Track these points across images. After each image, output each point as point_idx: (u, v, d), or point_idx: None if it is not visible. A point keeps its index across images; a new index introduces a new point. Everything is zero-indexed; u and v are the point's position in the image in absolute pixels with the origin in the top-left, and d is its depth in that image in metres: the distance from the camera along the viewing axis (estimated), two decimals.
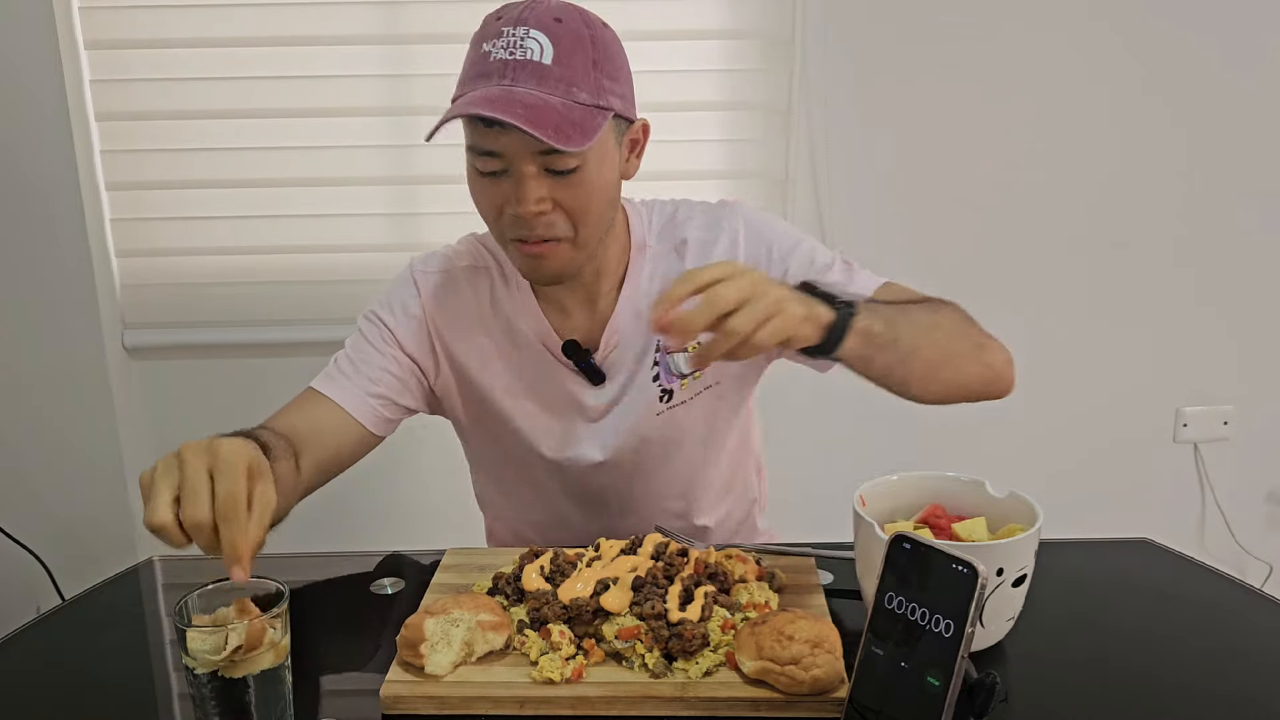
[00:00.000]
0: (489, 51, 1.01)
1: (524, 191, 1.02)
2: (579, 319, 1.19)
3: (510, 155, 1.01)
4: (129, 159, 2.03)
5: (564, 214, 1.05)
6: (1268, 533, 2.31)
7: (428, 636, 0.87)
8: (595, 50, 1.02)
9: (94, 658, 0.97)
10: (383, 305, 1.20)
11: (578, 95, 1.00)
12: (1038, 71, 2.03)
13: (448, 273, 1.21)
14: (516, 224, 1.05)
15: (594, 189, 1.05)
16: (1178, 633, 0.98)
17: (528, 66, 0.99)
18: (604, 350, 1.18)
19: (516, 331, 1.19)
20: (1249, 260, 2.16)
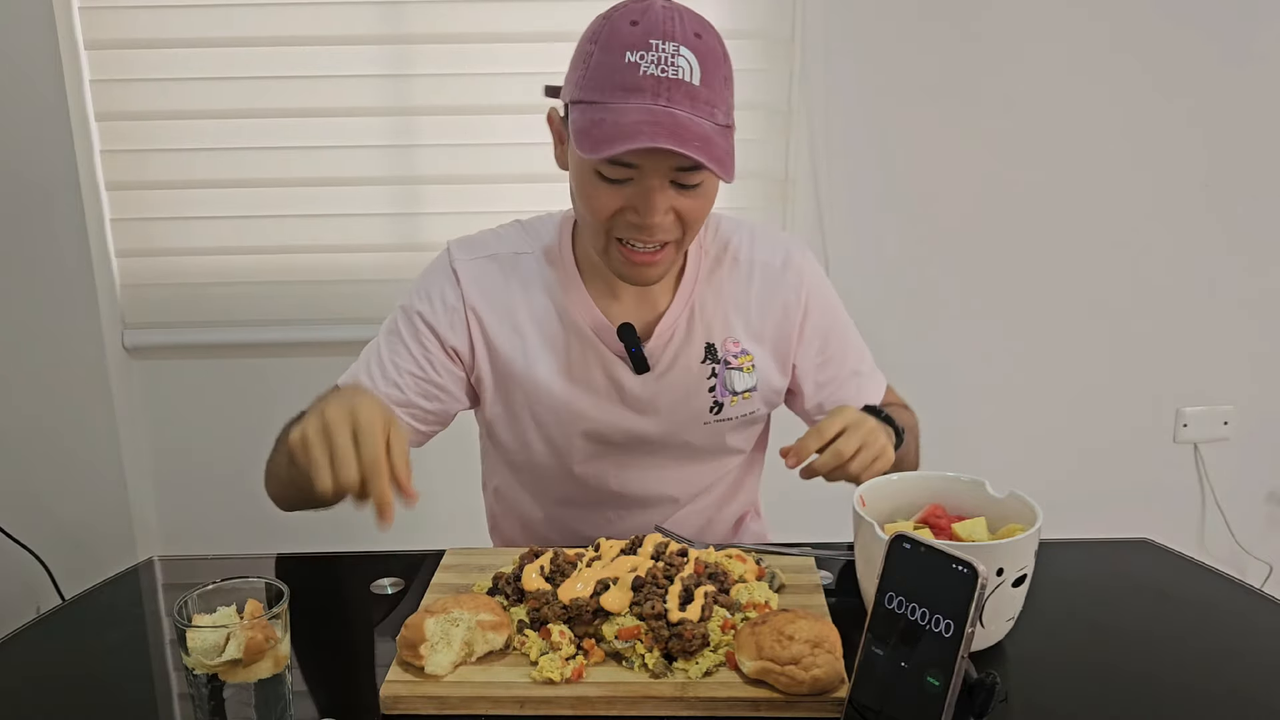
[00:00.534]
0: (636, 64, 0.99)
1: (654, 202, 1.03)
2: (629, 306, 1.19)
3: (647, 169, 1.02)
4: (129, 159, 2.03)
5: (679, 221, 1.07)
6: (1268, 533, 2.31)
7: (428, 637, 0.87)
8: (727, 67, 1.05)
9: (94, 658, 0.97)
10: (420, 297, 1.19)
11: (718, 117, 1.02)
12: (1038, 71, 2.03)
13: (490, 258, 1.20)
14: (634, 229, 1.05)
15: (709, 200, 1.08)
16: (1178, 633, 0.98)
17: (681, 87, 0.99)
18: (657, 341, 1.19)
19: (565, 316, 1.18)
20: (1249, 260, 2.16)
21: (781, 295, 1.22)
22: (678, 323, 1.19)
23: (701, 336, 1.20)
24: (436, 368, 1.18)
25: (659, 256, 1.08)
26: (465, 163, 2.03)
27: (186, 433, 2.16)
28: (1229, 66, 2.04)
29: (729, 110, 1.04)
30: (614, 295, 1.19)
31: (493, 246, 1.21)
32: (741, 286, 1.22)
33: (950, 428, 2.19)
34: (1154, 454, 2.26)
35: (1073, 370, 2.19)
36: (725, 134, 1.03)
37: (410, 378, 1.17)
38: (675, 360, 1.19)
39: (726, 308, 1.21)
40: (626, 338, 1.17)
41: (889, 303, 2.12)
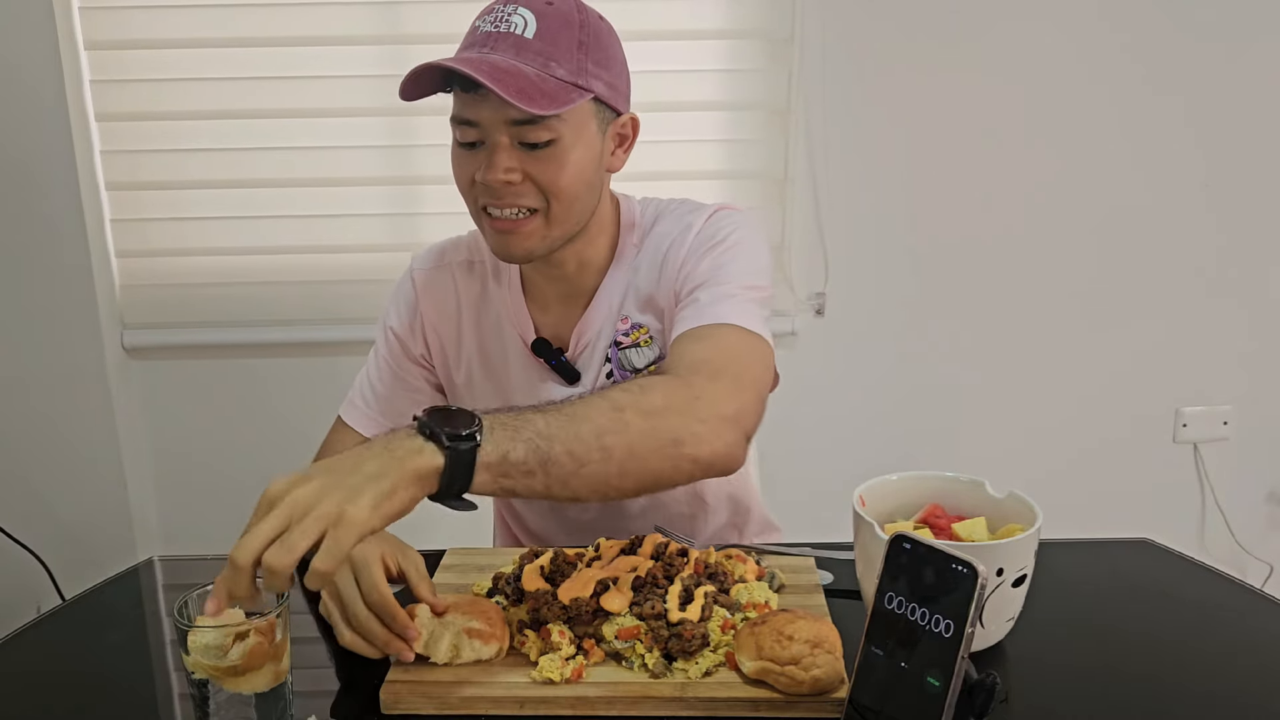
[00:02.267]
0: (477, 26, 1.05)
1: (494, 160, 1.03)
2: (557, 316, 1.19)
3: (486, 124, 1.02)
4: (129, 159, 2.03)
5: (535, 187, 1.05)
6: (1268, 533, 2.31)
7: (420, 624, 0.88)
8: (583, 33, 1.04)
9: (94, 658, 0.97)
10: (390, 312, 1.24)
11: (555, 70, 1.01)
12: (1038, 70, 2.03)
13: (441, 268, 1.23)
14: (486, 192, 1.06)
15: (567, 165, 1.05)
16: (1178, 633, 0.98)
17: (508, 38, 1.01)
18: (575, 348, 1.18)
19: (501, 329, 1.20)
20: (1249, 260, 2.16)
21: (669, 254, 1.14)
22: (593, 323, 1.17)
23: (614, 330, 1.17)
24: (412, 375, 1.24)
25: (522, 225, 1.06)
26: None
27: (186, 433, 2.16)
28: (1229, 67, 2.04)
29: (579, 72, 1.03)
30: (545, 305, 1.19)
31: (448, 255, 1.24)
32: (635, 265, 1.17)
33: (950, 428, 2.19)
34: (1154, 454, 2.26)
35: (1072, 370, 2.19)
36: (564, 87, 1.01)
37: (394, 389, 1.23)
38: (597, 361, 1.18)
39: (622, 293, 1.17)
40: (542, 353, 1.18)
41: (888, 303, 2.12)
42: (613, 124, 1.10)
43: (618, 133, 1.11)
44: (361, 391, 1.24)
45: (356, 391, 1.25)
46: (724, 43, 2.00)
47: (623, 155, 1.13)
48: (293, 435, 2.17)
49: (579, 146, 1.05)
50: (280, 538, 0.71)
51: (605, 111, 1.08)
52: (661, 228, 1.17)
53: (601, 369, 1.18)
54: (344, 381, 1.28)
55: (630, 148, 1.14)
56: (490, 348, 1.21)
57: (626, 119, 1.11)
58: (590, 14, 1.06)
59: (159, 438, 2.17)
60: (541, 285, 1.18)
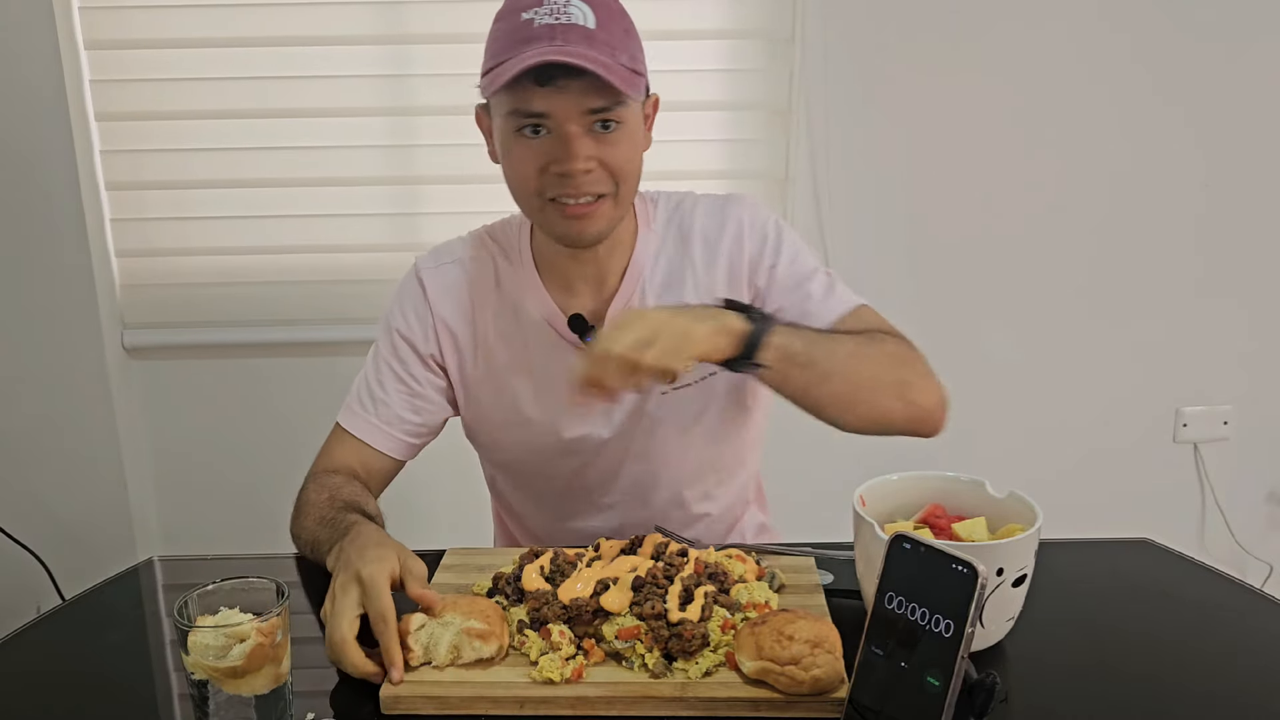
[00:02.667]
0: (531, 19, 1.03)
1: (574, 149, 1.04)
2: (585, 298, 1.21)
3: (559, 115, 1.04)
4: (129, 159, 2.03)
5: (606, 173, 1.08)
6: (1268, 533, 2.31)
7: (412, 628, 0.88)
8: (627, 20, 1.08)
9: (94, 658, 0.97)
10: (396, 315, 1.24)
11: (620, 57, 1.04)
12: (1038, 71, 2.03)
13: (454, 263, 1.24)
14: (560, 182, 1.07)
15: (632, 147, 1.10)
16: (1178, 633, 0.98)
17: (575, 30, 1.02)
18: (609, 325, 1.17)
19: (521, 310, 1.21)
20: (1249, 260, 2.16)
21: (724, 254, 1.20)
22: (629, 304, 1.20)
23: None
24: (418, 379, 1.23)
25: (594, 209, 1.09)
26: (465, 163, 2.03)
27: (186, 433, 2.16)
28: (1229, 67, 2.04)
29: (634, 59, 1.07)
30: (569, 287, 1.20)
31: (456, 252, 1.25)
32: (686, 257, 1.21)
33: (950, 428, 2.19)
34: (1154, 454, 2.25)
35: (1073, 370, 2.19)
36: (626, 73, 1.04)
37: (395, 394, 1.22)
38: None
39: (673, 281, 1.21)
40: (577, 327, 1.18)
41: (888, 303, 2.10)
42: (644, 104, 1.14)
43: (645, 112, 1.15)
44: (360, 397, 1.24)
45: (354, 397, 1.24)
46: (725, 43, 2.00)
47: (649, 134, 1.17)
48: (293, 435, 2.17)
49: (636, 128, 1.10)
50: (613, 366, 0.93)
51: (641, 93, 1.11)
52: (701, 222, 1.21)
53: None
54: (344, 381, 1.28)
55: (652, 126, 1.17)
56: (509, 332, 1.21)
57: (652, 97, 1.16)
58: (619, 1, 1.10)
59: (159, 438, 2.16)
60: (566, 268, 1.19)
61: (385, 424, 1.22)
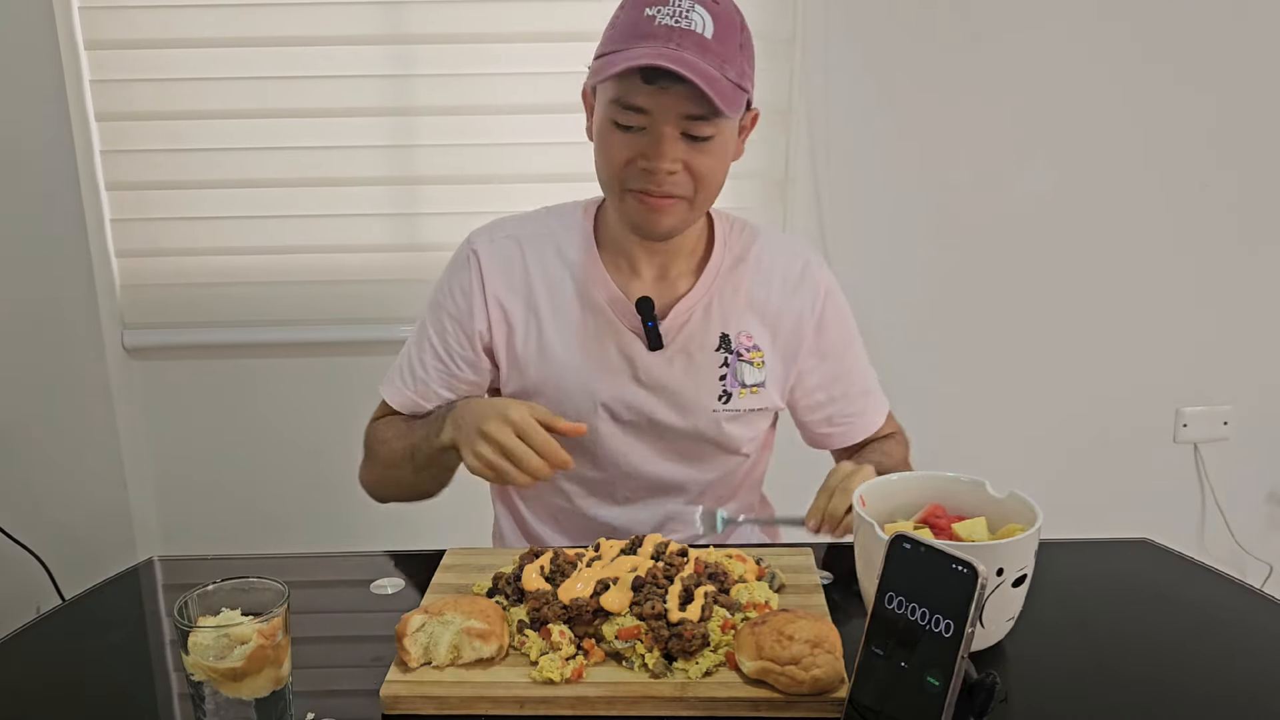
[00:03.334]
0: (653, 16, 1.06)
1: (664, 149, 1.08)
2: (648, 282, 1.23)
3: (657, 114, 1.07)
4: (129, 159, 2.03)
5: (690, 176, 1.11)
6: (1268, 533, 2.31)
7: (410, 630, 0.88)
8: (744, 35, 1.11)
9: (94, 658, 0.97)
10: (444, 291, 1.25)
11: (729, 72, 1.07)
12: (1038, 71, 2.03)
13: (510, 239, 1.25)
14: (644, 177, 1.10)
15: (720, 159, 1.13)
16: (1177, 633, 0.98)
17: (692, 36, 1.05)
18: (673, 321, 1.22)
19: (582, 291, 1.22)
20: (1249, 260, 2.16)
21: (797, 303, 1.26)
22: (695, 308, 1.22)
23: (718, 326, 1.23)
24: (457, 360, 1.24)
25: (669, 205, 1.12)
26: (465, 163, 2.03)
27: (186, 433, 2.16)
28: (1229, 67, 2.04)
29: (742, 74, 1.10)
30: (634, 273, 1.23)
31: (513, 229, 1.26)
32: (761, 287, 1.25)
33: (950, 428, 2.19)
34: (1154, 454, 2.26)
35: (1073, 370, 2.19)
36: (736, 90, 1.07)
37: (434, 371, 1.25)
38: (689, 343, 1.23)
39: (744, 304, 1.24)
40: (644, 310, 1.20)
41: (889, 303, 2.12)
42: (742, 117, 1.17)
43: (742, 125, 1.18)
44: (401, 370, 1.27)
45: (397, 369, 1.27)
46: None
47: (742, 145, 1.20)
48: (293, 435, 2.19)
49: (729, 142, 1.14)
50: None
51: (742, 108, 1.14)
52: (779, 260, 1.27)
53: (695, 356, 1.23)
54: (344, 382, 1.29)
55: (746, 137, 1.21)
56: (567, 309, 1.23)
57: (752, 112, 1.20)
58: (739, 14, 1.12)
59: (159, 438, 2.16)
60: (633, 253, 1.22)
61: (424, 399, 1.25)
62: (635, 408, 1.23)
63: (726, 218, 1.29)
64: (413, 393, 1.26)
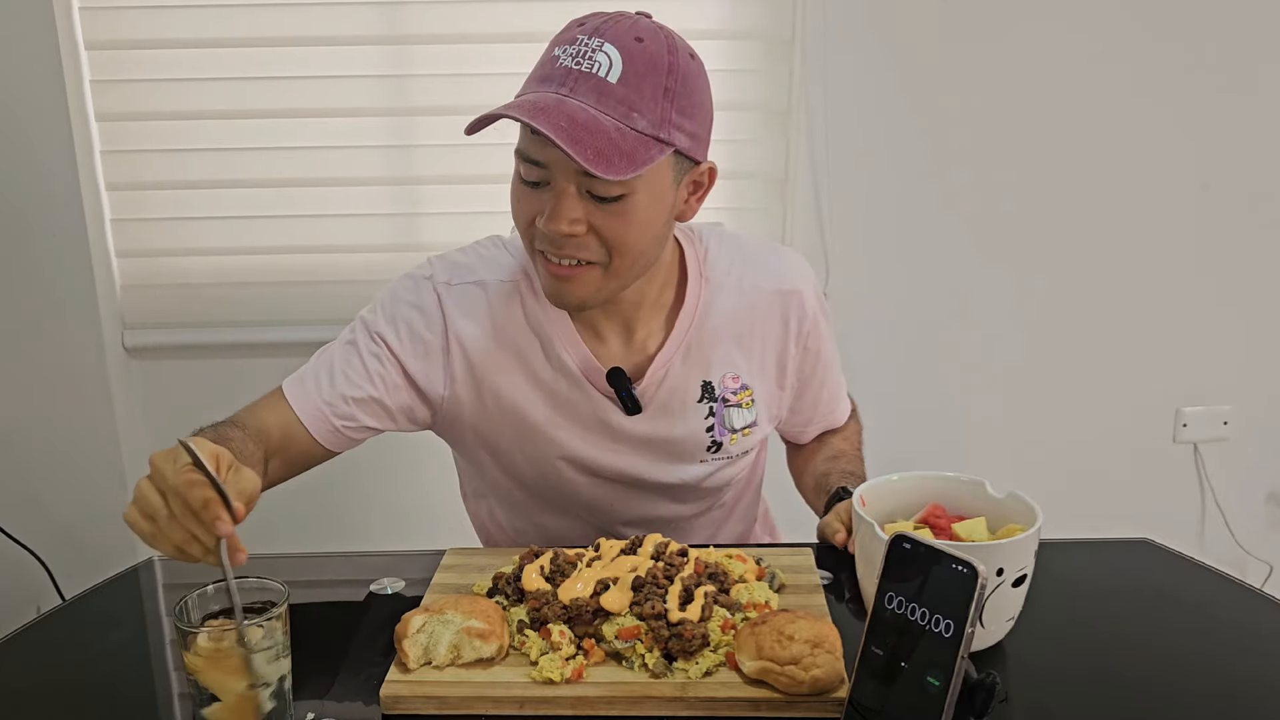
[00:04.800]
0: (558, 56, 0.97)
1: (559, 209, 0.97)
2: (614, 346, 1.14)
3: (554, 169, 0.97)
4: (129, 159, 2.03)
5: (599, 240, 1.00)
6: (1268, 533, 2.31)
7: (410, 632, 0.87)
8: (671, 79, 0.97)
9: (94, 658, 0.97)
10: (387, 321, 1.13)
11: (636, 121, 0.95)
12: (1038, 72, 2.03)
13: (477, 285, 1.13)
14: (546, 239, 1.00)
15: (636, 222, 0.99)
16: (1178, 633, 0.98)
17: (590, 80, 0.94)
18: (649, 381, 1.13)
19: (551, 353, 1.13)
20: (1249, 260, 2.16)
21: (785, 330, 1.17)
22: (671, 362, 1.14)
23: (699, 375, 1.15)
24: (389, 389, 1.12)
25: (578, 273, 1.01)
26: (465, 163, 2.03)
27: (186, 433, 2.15)
28: (1229, 66, 2.04)
29: (660, 124, 0.96)
30: (602, 336, 1.13)
31: (478, 272, 1.14)
32: (744, 317, 1.15)
33: (950, 428, 2.19)
34: (1154, 454, 2.26)
35: (1073, 370, 2.19)
36: (645, 142, 0.95)
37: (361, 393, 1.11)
38: (670, 400, 1.15)
39: (725, 342, 1.15)
40: (616, 382, 1.12)
41: (888, 303, 2.12)
42: (690, 173, 1.04)
43: (693, 180, 1.05)
44: (317, 374, 1.12)
45: (311, 371, 1.13)
46: (724, 43, 2.00)
47: (695, 204, 1.07)
48: None
49: (650, 202, 1.00)
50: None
51: (684, 162, 1.02)
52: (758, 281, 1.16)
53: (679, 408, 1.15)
54: None
55: (704, 196, 1.08)
56: (538, 368, 1.13)
57: (705, 167, 1.05)
58: (681, 54, 0.99)
59: (159, 438, 2.16)
60: (598, 319, 1.13)
61: (337, 416, 1.11)
62: (616, 468, 1.16)
63: (696, 239, 1.17)
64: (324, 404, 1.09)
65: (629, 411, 1.14)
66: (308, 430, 1.11)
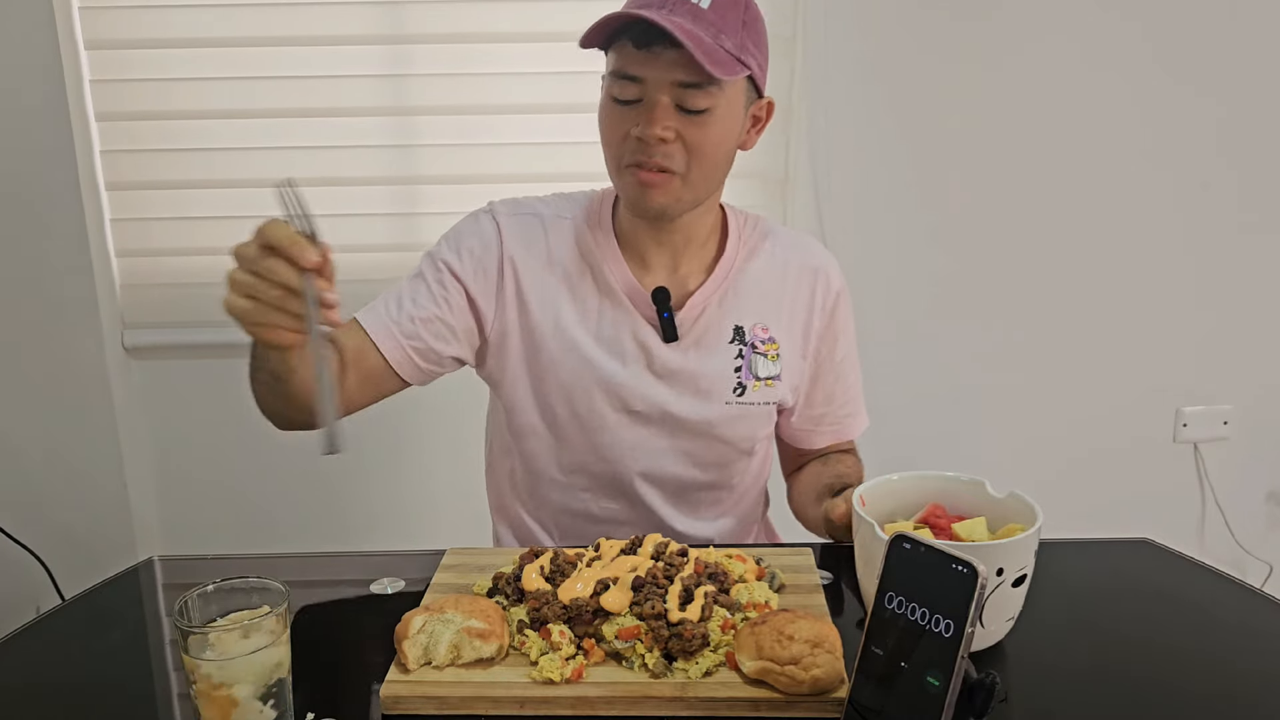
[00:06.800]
0: None
1: (655, 115, 1.08)
2: (660, 276, 1.23)
3: (650, 82, 1.08)
4: (129, 159, 2.03)
5: (683, 150, 1.10)
6: (1268, 533, 2.31)
7: (410, 633, 0.87)
8: (748, 14, 1.11)
9: (94, 658, 0.97)
10: (451, 249, 1.22)
11: (724, 42, 1.07)
12: (1038, 71, 2.03)
13: (533, 216, 1.24)
14: (637, 148, 1.10)
15: (716, 135, 1.11)
16: (1177, 633, 0.98)
17: (685, 5, 1.07)
18: (688, 313, 1.22)
19: (599, 277, 1.22)
20: (1249, 260, 2.16)
21: (811, 300, 1.27)
22: (710, 300, 1.23)
23: (732, 318, 1.24)
24: (454, 310, 1.21)
25: (664, 180, 1.11)
26: (465, 163, 2.03)
27: (186, 433, 2.16)
28: (1229, 66, 2.04)
29: (742, 48, 1.09)
30: (649, 265, 1.23)
31: (537, 208, 1.26)
32: (776, 280, 1.26)
33: (950, 428, 2.19)
34: (1154, 454, 2.26)
35: (1073, 370, 2.19)
36: (728, 57, 1.07)
37: (426, 314, 1.19)
38: (704, 335, 1.23)
39: (758, 296, 1.25)
40: (660, 301, 1.20)
41: (888, 303, 2.12)
42: (754, 104, 1.17)
43: (754, 114, 1.18)
44: (386, 301, 1.20)
45: (381, 299, 1.21)
46: None
47: (755, 136, 1.20)
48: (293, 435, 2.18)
49: (728, 119, 1.12)
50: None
51: (751, 91, 1.15)
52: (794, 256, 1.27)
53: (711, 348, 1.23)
54: None
55: (762, 130, 1.21)
56: (585, 291, 1.22)
57: (765, 101, 1.19)
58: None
59: (159, 438, 2.16)
60: (645, 246, 1.22)
61: (404, 336, 1.18)
62: (649, 399, 1.22)
63: (740, 213, 1.29)
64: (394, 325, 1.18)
65: (666, 339, 1.22)
66: (377, 348, 1.17)
